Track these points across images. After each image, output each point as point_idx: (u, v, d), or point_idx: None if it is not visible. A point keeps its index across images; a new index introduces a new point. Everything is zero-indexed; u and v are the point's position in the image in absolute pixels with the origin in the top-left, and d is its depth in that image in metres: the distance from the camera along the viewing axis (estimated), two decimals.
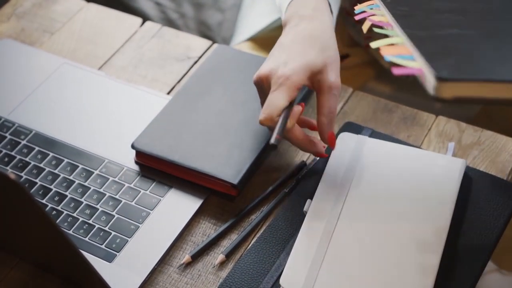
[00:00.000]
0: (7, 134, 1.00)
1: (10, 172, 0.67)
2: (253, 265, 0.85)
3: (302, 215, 0.88)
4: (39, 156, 0.97)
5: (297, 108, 0.88)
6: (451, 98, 0.65)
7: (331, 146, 0.89)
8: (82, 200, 0.92)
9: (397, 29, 0.74)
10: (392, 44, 0.73)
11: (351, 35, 1.24)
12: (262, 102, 0.91)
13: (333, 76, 0.88)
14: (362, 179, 0.90)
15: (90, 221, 0.90)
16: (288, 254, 0.85)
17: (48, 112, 1.02)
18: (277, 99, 0.86)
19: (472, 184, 0.90)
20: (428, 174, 0.90)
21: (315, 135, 0.92)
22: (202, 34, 1.50)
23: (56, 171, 0.95)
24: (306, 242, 0.85)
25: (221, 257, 0.87)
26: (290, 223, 0.89)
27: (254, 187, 0.93)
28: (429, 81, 0.66)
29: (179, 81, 1.06)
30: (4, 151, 0.98)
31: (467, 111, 1.19)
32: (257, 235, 0.89)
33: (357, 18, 0.82)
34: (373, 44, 0.74)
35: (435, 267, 0.82)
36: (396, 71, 0.69)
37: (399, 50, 0.71)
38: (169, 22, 1.50)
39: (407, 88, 1.19)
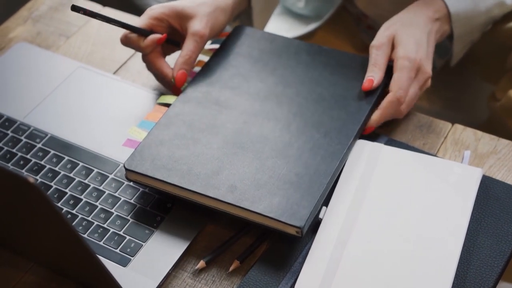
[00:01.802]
0: (22, 137, 1.00)
1: (27, 175, 0.67)
2: (268, 271, 0.85)
3: (318, 222, 0.88)
4: (54, 160, 0.97)
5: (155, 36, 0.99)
6: (132, 179, 0.91)
7: (177, 83, 0.98)
8: (97, 204, 0.92)
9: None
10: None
11: (363, 40, 1.24)
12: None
13: None
14: (377, 187, 0.89)
15: (105, 225, 0.90)
16: (303, 260, 0.85)
17: (64, 116, 1.02)
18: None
19: (489, 193, 0.90)
20: (444, 183, 0.89)
21: None
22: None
23: (71, 175, 0.95)
24: (321, 248, 0.85)
25: (235, 262, 0.87)
26: None
27: None
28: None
29: None
30: (19, 154, 0.98)
31: (478, 118, 1.20)
32: (272, 241, 0.89)
33: None
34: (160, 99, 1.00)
35: (451, 276, 0.81)
36: (126, 143, 0.95)
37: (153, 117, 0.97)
38: None
39: (423, 96, 1.19)
